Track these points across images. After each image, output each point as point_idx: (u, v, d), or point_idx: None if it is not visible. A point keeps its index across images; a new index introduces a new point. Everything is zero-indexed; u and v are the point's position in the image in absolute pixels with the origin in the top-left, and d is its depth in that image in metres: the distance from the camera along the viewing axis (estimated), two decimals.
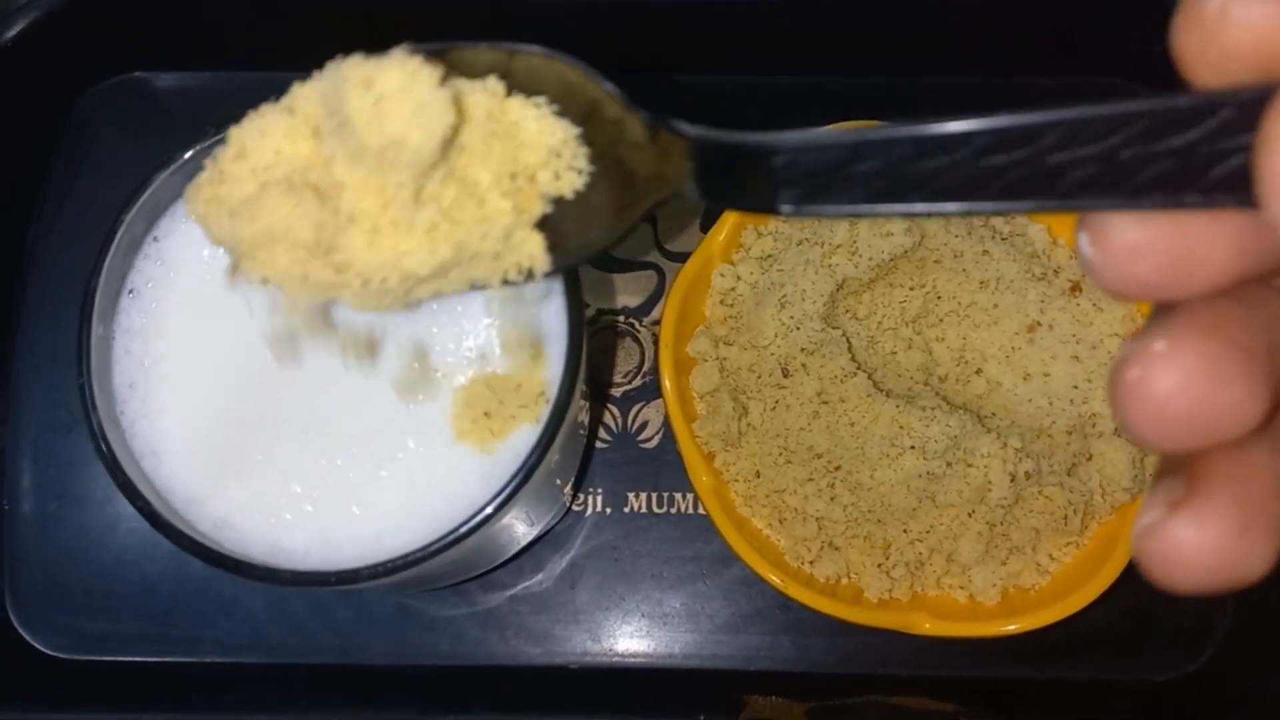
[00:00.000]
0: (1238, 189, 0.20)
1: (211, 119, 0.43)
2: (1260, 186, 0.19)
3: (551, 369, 0.42)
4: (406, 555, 0.39)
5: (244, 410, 0.42)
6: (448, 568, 0.46)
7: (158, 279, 0.43)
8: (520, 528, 0.50)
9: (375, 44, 0.68)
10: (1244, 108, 0.19)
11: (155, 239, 0.44)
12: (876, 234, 0.57)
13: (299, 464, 0.42)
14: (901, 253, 0.56)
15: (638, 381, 0.66)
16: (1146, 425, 0.21)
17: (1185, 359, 0.21)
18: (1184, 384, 0.21)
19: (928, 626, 0.54)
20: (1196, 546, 0.21)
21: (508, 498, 0.40)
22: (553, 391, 0.42)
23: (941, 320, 0.57)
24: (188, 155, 0.43)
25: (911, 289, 0.59)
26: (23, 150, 0.69)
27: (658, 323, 0.66)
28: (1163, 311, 0.22)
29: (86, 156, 0.69)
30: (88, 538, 0.65)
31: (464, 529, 0.40)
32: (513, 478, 0.40)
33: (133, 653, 0.63)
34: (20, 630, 0.63)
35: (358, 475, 0.42)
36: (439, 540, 0.40)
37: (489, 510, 0.40)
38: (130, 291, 0.43)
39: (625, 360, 0.67)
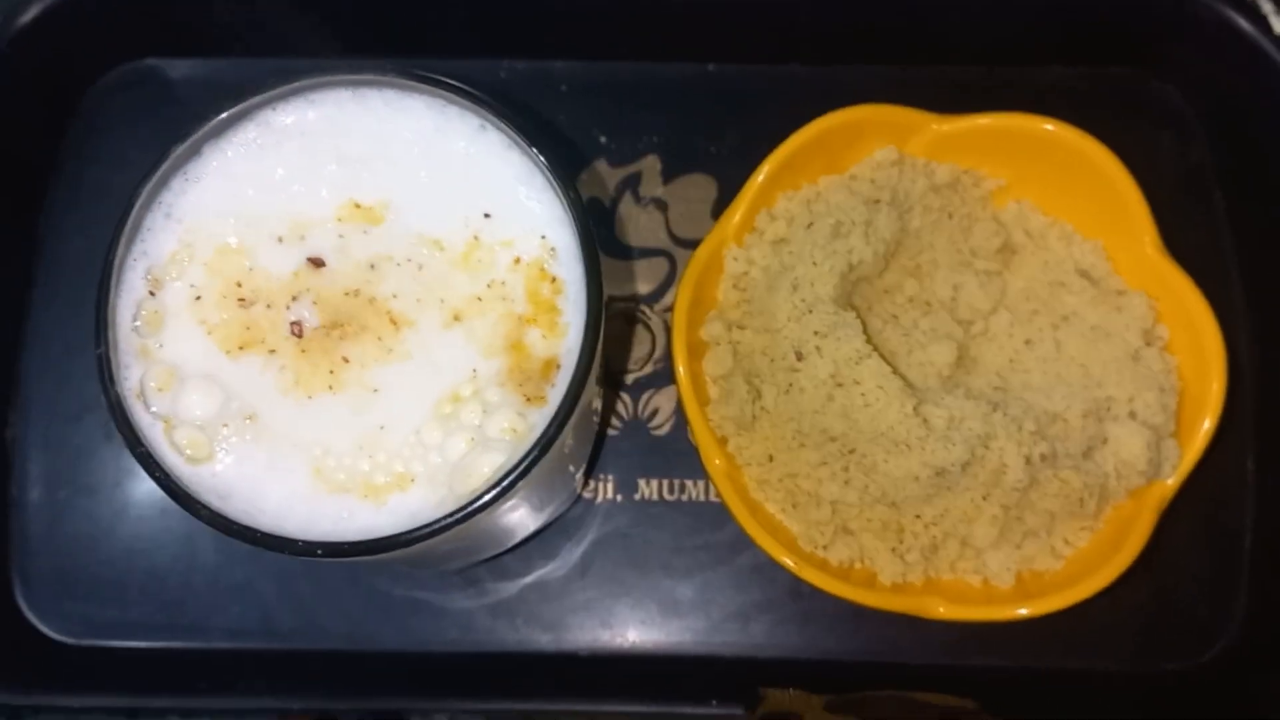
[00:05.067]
0: None
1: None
2: None
3: (570, 339, 0.42)
4: (412, 531, 0.39)
5: (257, 382, 0.42)
6: (455, 546, 0.46)
7: (172, 244, 0.43)
8: (529, 511, 0.50)
9: (390, 29, 0.69)
10: None
11: (166, 204, 0.44)
12: (892, 216, 0.57)
13: (310, 437, 0.42)
14: (914, 231, 0.56)
15: (649, 369, 0.66)
16: None
17: None
18: None
19: (941, 610, 0.54)
20: None
21: (518, 477, 0.40)
22: (570, 361, 0.41)
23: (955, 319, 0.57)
24: (206, 127, 0.43)
25: (922, 280, 0.59)
26: (33, 138, 0.68)
27: (669, 309, 0.66)
28: None
29: (97, 145, 0.69)
30: (97, 525, 0.64)
31: (471, 508, 0.39)
32: (523, 459, 0.40)
33: (142, 639, 0.63)
34: (30, 617, 0.63)
35: (371, 450, 0.42)
36: (445, 518, 0.39)
37: (498, 489, 0.39)
38: (145, 255, 0.43)
39: (637, 347, 0.67)
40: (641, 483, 0.64)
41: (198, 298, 0.43)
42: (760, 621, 0.62)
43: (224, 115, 0.43)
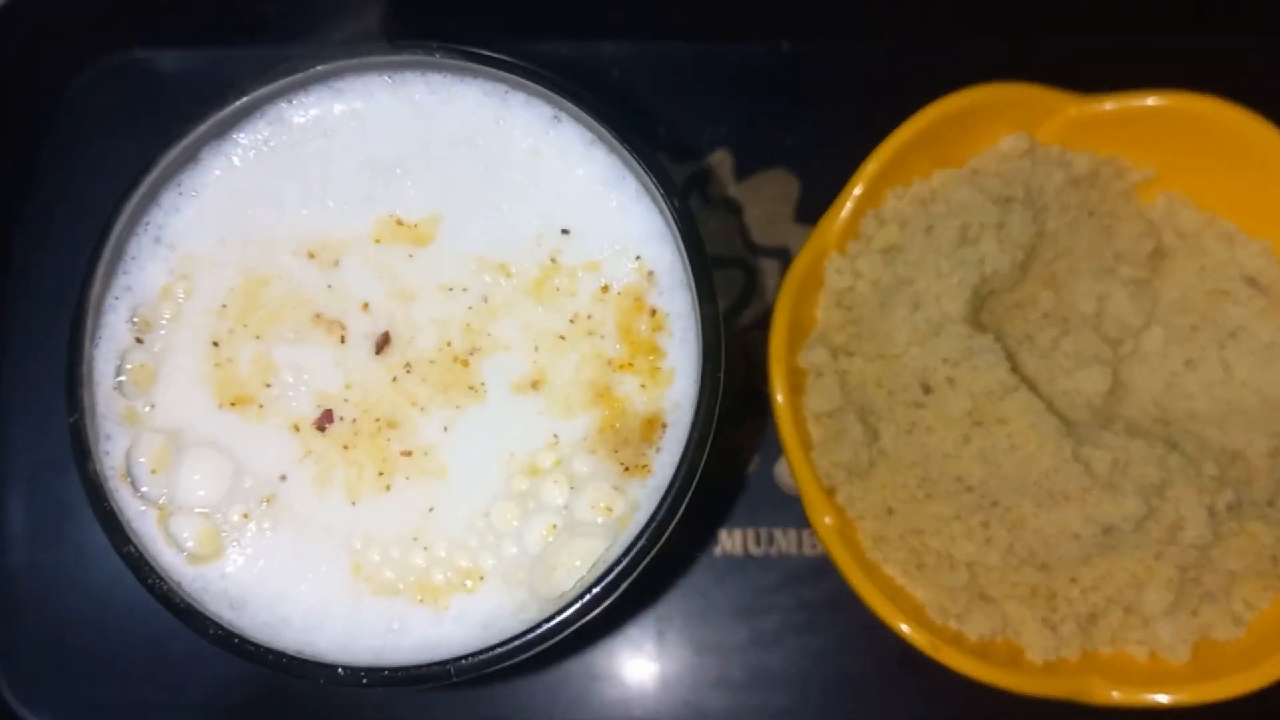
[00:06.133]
0: None
1: None
2: None
3: (677, 388, 0.33)
4: (486, 650, 0.30)
5: (279, 452, 0.33)
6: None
7: (163, 277, 0.34)
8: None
9: (412, 10, 0.60)
10: None
11: (155, 225, 0.34)
12: (1027, 217, 0.48)
13: (346, 523, 0.32)
14: (1050, 234, 0.47)
15: (726, 399, 0.57)
16: None
17: None
18: None
19: (1115, 695, 0.44)
20: None
21: (622, 573, 0.30)
22: (679, 418, 0.32)
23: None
24: (203, 126, 0.34)
25: (1060, 292, 0.50)
26: (8, 143, 0.60)
27: (749, 329, 0.57)
28: None
29: (81, 149, 0.60)
30: (89, 591, 0.56)
31: (562, 616, 0.30)
32: (629, 549, 0.30)
33: None
34: (14, 704, 0.55)
35: (426, 539, 0.32)
36: (530, 631, 0.30)
37: (597, 590, 0.30)
38: (129, 291, 0.34)
39: None
40: (722, 534, 0.56)
41: (198, 345, 0.33)
42: (868, 697, 0.54)
43: (227, 111, 0.35)
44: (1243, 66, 0.58)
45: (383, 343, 0.33)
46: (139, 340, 0.33)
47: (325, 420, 0.32)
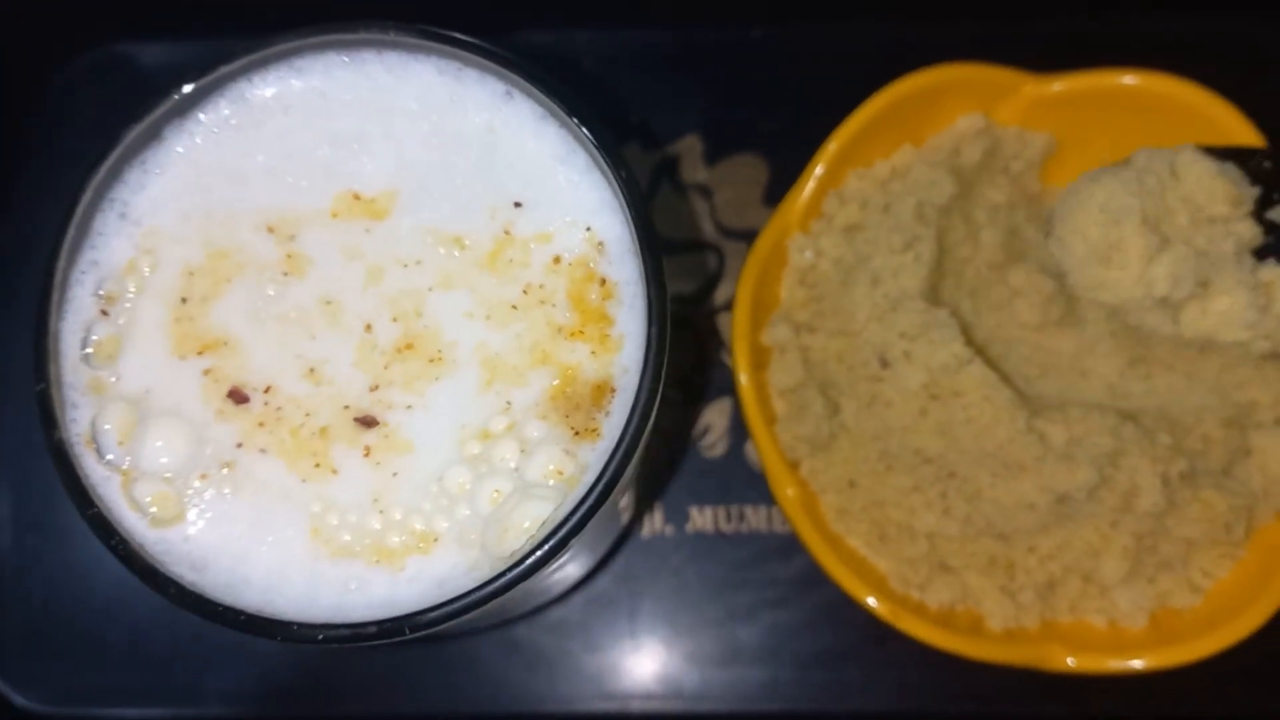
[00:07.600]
0: None
1: None
2: None
3: (626, 355, 0.34)
4: (438, 606, 0.31)
5: (238, 421, 0.34)
6: (488, 613, 0.37)
7: (128, 251, 0.35)
8: (579, 564, 0.42)
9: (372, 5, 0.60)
10: None
11: (120, 201, 0.35)
12: (988, 186, 0.49)
13: (305, 489, 0.33)
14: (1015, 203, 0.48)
15: (697, 379, 0.58)
16: None
17: None
18: None
19: (1070, 662, 0.45)
20: None
21: (569, 533, 0.31)
22: (627, 383, 0.33)
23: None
24: (166, 104, 0.35)
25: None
26: None
27: (718, 311, 0.58)
28: None
29: (63, 143, 0.61)
30: (72, 575, 0.57)
31: (511, 574, 0.31)
32: (576, 508, 0.31)
33: (128, 705, 0.55)
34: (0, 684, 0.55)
35: (383, 503, 0.33)
36: (480, 588, 0.31)
37: (545, 548, 0.31)
38: (95, 266, 0.35)
39: (681, 355, 0.58)
40: (694, 511, 0.56)
41: (162, 317, 0.34)
42: (839, 671, 0.54)
43: (188, 89, 0.35)
44: (1203, 48, 0.59)
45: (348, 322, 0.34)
46: (104, 313, 0.34)
47: (240, 398, 0.33)
